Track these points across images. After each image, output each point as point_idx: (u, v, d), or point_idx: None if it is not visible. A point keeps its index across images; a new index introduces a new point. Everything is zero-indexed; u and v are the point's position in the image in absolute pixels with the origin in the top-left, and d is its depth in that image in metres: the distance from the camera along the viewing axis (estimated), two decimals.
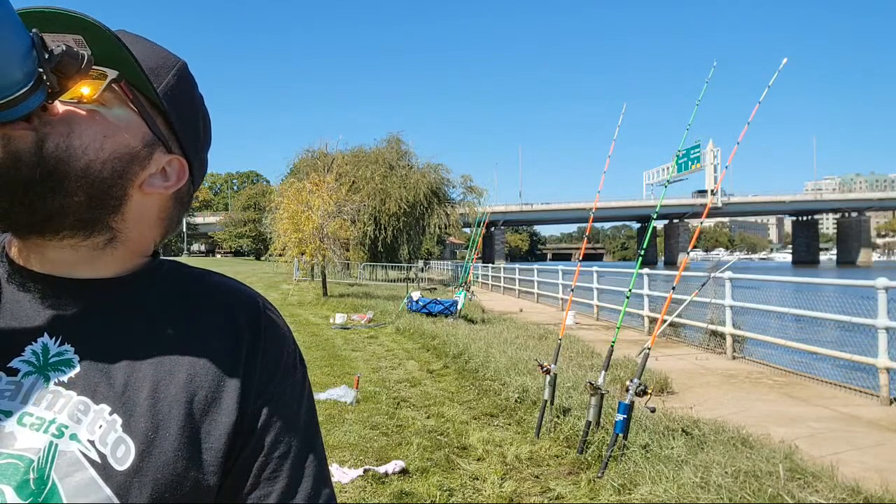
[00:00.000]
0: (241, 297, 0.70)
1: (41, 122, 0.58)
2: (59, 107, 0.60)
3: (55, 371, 0.59)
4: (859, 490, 3.40)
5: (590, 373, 6.29)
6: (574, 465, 4.13)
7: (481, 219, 17.43)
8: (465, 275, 16.42)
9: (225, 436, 0.62)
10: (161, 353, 0.62)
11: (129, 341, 0.62)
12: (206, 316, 0.67)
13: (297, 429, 0.67)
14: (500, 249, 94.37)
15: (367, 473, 3.89)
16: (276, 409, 0.66)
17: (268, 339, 0.68)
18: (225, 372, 0.64)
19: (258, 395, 0.65)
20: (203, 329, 0.65)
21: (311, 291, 20.79)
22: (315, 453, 0.68)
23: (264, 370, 0.66)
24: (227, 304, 0.68)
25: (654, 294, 11.67)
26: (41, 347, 0.60)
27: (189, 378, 0.62)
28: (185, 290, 0.68)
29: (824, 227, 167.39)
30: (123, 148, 0.63)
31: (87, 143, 0.61)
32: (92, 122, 0.61)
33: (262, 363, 0.66)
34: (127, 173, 0.64)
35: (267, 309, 0.70)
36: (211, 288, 0.70)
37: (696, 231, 5.46)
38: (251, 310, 0.69)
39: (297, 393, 0.69)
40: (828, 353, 7.25)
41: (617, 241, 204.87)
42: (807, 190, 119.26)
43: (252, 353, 0.66)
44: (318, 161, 28.26)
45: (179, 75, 0.69)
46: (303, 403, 0.70)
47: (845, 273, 47.74)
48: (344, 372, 7.29)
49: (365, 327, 11.92)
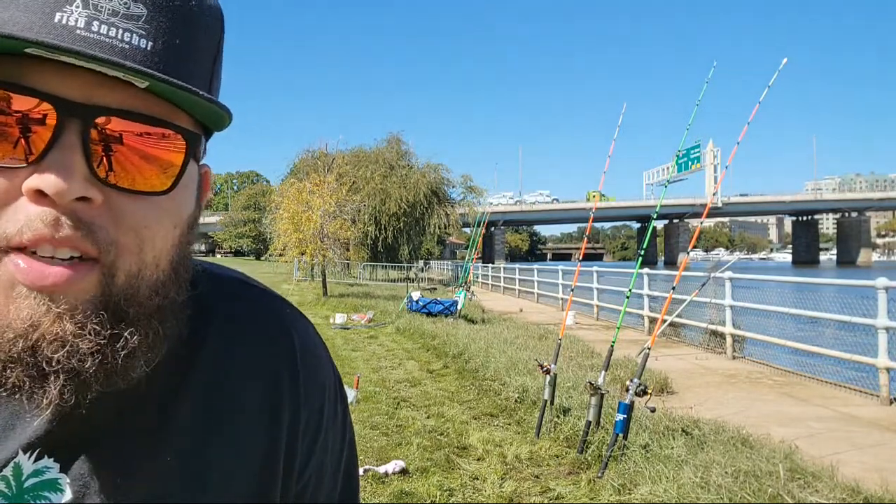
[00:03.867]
0: (275, 339, 0.56)
1: (106, 237, 0.41)
2: (124, 201, 0.42)
3: (36, 499, 0.44)
4: (859, 490, 3.40)
5: (590, 373, 6.28)
6: (574, 465, 4.13)
7: (481, 219, 17.43)
8: (465, 275, 16.42)
9: None
10: (183, 448, 0.49)
11: (135, 436, 0.47)
12: (237, 375, 0.53)
13: (336, 481, 0.61)
14: (500, 249, 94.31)
15: (367, 473, 3.89)
16: (319, 478, 0.58)
17: (308, 389, 0.56)
18: (268, 463, 0.52)
19: (300, 474, 0.56)
20: (236, 397, 0.52)
21: (311, 291, 20.79)
22: (352, 495, 0.64)
23: (306, 434, 0.56)
24: (262, 353, 0.55)
25: (654, 294, 11.67)
26: (12, 469, 0.44)
27: (223, 484, 0.50)
28: (202, 331, 0.53)
29: (824, 227, 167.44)
30: (188, 222, 0.48)
31: (158, 250, 0.44)
32: (162, 214, 0.44)
33: (305, 427, 0.56)
34: (189, 245, 0.48)
35: (305, 349, 0.58)
36: (235, 323, 0.55)
37: (696, 231, 5.47)
38: (287, 353, 0.56)
39: (338, 441, 0.60)
40: (828, 353, 7.25)
41: (617, 241, 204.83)
42: (807, 190, 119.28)
43: (294, 419, 0.55)
44: (319, 161, 28.24)
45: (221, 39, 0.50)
46: (345, 447, 0.62)
47: (845, 273, 47.72)
48: (344, 372, 7.28)
49: (365, 327, 11.92)
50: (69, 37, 0.39)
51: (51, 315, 0.39)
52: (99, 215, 0.41)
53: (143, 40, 0.42)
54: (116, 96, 0.41)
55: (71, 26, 0.40)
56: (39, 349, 0.39)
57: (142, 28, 0.42)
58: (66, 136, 0.40)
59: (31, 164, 0.40)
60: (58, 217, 0.39)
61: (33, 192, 0.39)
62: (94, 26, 0.40)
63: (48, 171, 0.39)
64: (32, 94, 0.40)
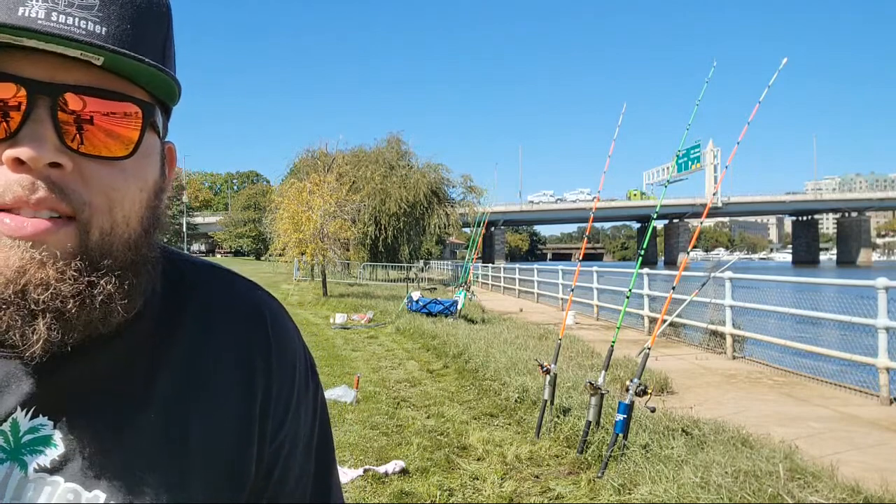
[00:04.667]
0: (248, 315, 0.61)
1: (79, 198, 0.47)
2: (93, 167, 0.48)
3: (32, 453, 0.48)
4: (859, 490, 3.40)
5: (590, 373, 6.28)
6: (574, 464, 4.13)
7: (481, 218, 17.41)
8: (465, 275, 16.41)
9: (244, 496, 0.56)
10: (165, 413, 0.53)
11: (121, 400, 0.52)
12: (214, 349, 0.57)
13: (309, 453, 0.64)
14: (500, 249, 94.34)
15: (367, 473, 3.89)
16: (292, 445, 0.61)
17: (280, 362, 0.61)
18: (243, 429, 0.56)
19: (273, 438, 0.59)
20: (213, 368, 0.57)
21: (311, 291, 20.79)
22: (326, 471, 0.66)
23: (279, 402, 0.60)
24: (236, 329, 0.59)
25: (654, 294, 11.67)
26: (10, 425, 0.49)
27: (202, 446, 0.54)
28: (180, 309, 0.58)
29: (824, 227, 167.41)
30: (153, 188, 0.53)
31: (128, 210, 0.50)
32: (128, 178, 0.50)
33: (277, 395, 0.59)
34: (157, 209, 0.54)
35: (276, 323, 0.63)
36: (212, 303, 0.60)
37: (696, 231, 5.47)
38: (259, 329, 0.61)
39: (310, 413, 0.64)
40: (827, 353, 7.26)
41: (617, 241, 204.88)
42: (807, 190, 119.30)
43: (267, 387, 0.59)
44: (319, 161, 28.28)
45: (169, 26, 0.55)
46: (316, 420, 0.65)
47: (845, 273, 47.72)
48: (344, 372, 7.29)
49: (365, 327, 11.93)
50: (32, 26, 0.45)
51: (35, 262, 0.45)
52: (72, 180, 0.47)
53: (98, 26, 0.47)
54: (78, 74, 0.47)
55: (33, 17, 0.45)
56: (27, 292, 0.45)
57: (95, 16, 0.48)
58: (36, 112, 0.46)
59: (8, 139, 0.46)
60: (34, 181, 0.45)
61: (11, 161, 0.45)
62: (53, 16, 0.46)
63: (23, 143, 0.45)
64: (3, 79, 0.45)
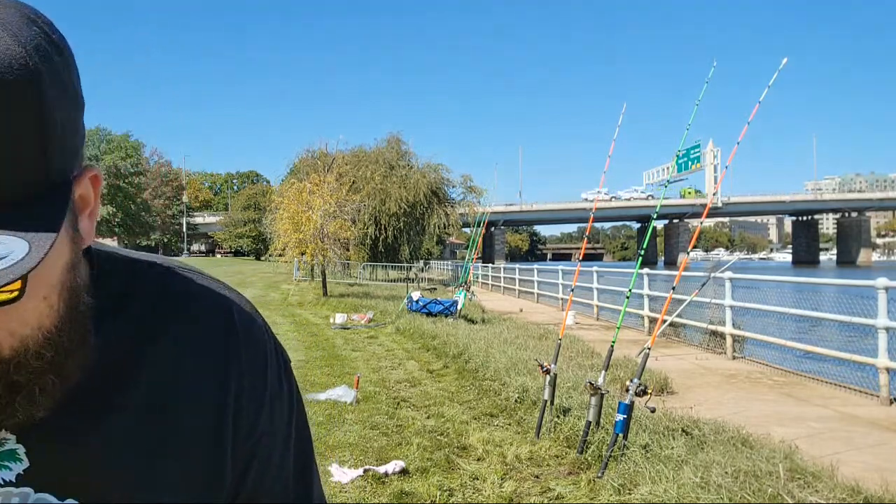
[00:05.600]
0: (215, 313, 0.60)
1: None
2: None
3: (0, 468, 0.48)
4: (859, 490, 3.40)
5: (590, 373, 6.28)
6: (574, 465, 4.13)
7: (481, 218, 17.41)
8: (465, 275, 16.41)
9: (223, 496, 0.57)
10: (136, 419, 0.53)
11: (89, 408, 0.51)
12: (180, 353, 0.57)
13: (287, 451, 0.63)
14: (500, 249, 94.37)
15: (367, 473, 3.89)
16: (269, 442, 0.61)
17: (250, 359, 0.60)
18: (216, 429, 0.56)
19: (248, 435, 0.59)
20: (181, 374, 0.56)
21: (311, 291, 20.79)
22: (306, 468, 0.66)
23: (251, 400, 0.59)
24: (203, 327, 0.59)
25: (654, 294, 11.67)
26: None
27: (176, 449, 0.54)
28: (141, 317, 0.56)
29: (824, 227, 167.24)
30: (61, 275, 0.48)
31: (35, 325, 0.46)
32: (22, 309, 0.45)
33: (249, 393, 0.59)
34: (77, 280, 0.50)
35: (243, 320, 0.61)
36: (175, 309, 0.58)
37: (696, 231, 5.48)
38: (228, 327, 0.60)
39: (285, 410, 0.63)
40: (827, 353, 7.26)
41: (617, 241, 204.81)
42: (807, 190, 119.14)
43: (238, 386, 0.58)
44: (318, 161, 28.26)
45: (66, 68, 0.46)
46: (293, 417, 0.65)
47: (845, 273, 47.75)
48: (344, 372, 7.29)
49: (365, 327, 11.93)
50: None
51: None
52: None
53: None
54: None
55: None
56: None
57: None
58: None
59: None
60: None
61: None
62: None
63: None
64: None
